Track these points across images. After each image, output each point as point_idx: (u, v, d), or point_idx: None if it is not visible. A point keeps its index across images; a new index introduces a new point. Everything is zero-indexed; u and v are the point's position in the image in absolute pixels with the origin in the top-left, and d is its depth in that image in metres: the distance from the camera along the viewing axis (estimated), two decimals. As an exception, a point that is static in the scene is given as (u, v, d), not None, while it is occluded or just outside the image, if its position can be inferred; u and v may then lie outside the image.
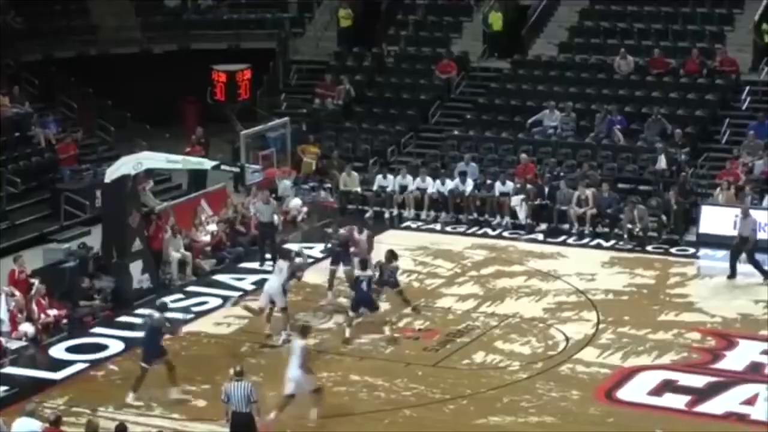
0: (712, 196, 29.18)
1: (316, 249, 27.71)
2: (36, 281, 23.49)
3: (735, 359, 21.40)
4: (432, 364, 21.29)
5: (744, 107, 32.46)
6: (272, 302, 22.37)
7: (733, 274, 25.54)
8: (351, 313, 22.45)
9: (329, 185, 31.77)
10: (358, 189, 31.28)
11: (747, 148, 30.44)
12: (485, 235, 29.09)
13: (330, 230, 25.95)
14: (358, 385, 20.37)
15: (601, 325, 23.03)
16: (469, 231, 29.47)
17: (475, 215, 30.16)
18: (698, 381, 20.39)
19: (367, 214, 30.73)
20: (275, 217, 27.32)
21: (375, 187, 31.13)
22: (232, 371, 18.11)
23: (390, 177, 31.17)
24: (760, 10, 34.27)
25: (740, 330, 22.80)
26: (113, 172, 24.90)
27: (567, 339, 22.37)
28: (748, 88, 32.72)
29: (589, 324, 23.13)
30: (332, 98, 35.53)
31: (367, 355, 21.70)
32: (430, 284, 25.50)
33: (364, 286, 22.30)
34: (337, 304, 24.05)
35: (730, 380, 20.44)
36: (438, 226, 29.82)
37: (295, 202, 30.47)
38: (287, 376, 18.69)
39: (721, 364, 21.20)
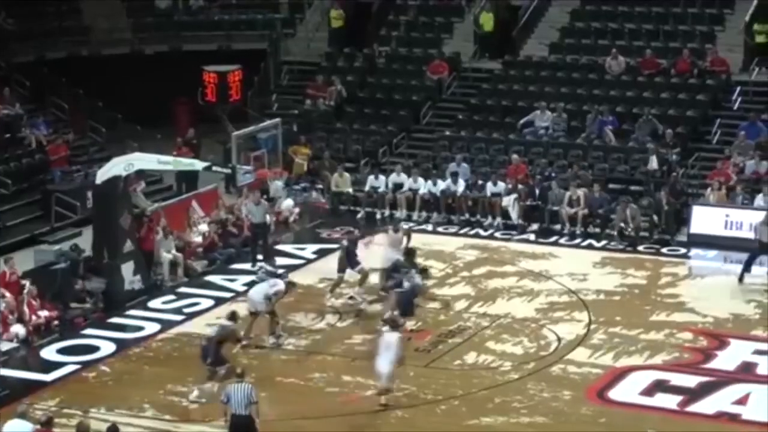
0: (703, 197, 29.23)
1: (308, 250, 27.78)
2: (27, 282, 23.46)
3: (727, 359, 21.41)
4: (424, 364, 21.26)
5: (735, 107, 32.46)
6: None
7: (742, 277, 25.35)
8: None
9: (321, 186, 31.78)
10: (350, 190, 31.26)
11: (738, 149, 30.48)
12: (477, 236, 29.10)
13: (353, 238, 25.59)
14: (350, 386, 20.35)
15: (593, 326, 23.04)
16: (461, 231, 29.47)
17: (467, 216, 30.17)
18: (690, 381, 20.40)
19: (359, 215, 30.75)
20: (267, 217, 27.33)
21: (367, 188, 31.11)
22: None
23: (382, 177, 31.16)
24: (751, 11, 34.28)
25: (732, 330, 22.82)
26: (104, 173, 24.87)
27: (559, 339, 22.37)
28: (739, 88, 32.72)
29: (580, 324, 23.14)
30: (323, 99, 35.52)
31: (359, 356, 21.65)
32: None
33: (406, 285, 22.26)
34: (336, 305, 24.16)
35: (721, 380, 20.45)
36: (430, 227, 29.80)
37: (287, 203, 30.48)
38: (378, 369, 19.01)
39: (712, 364, 21.21)
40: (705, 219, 28.24)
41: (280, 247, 27.84)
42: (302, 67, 37.79)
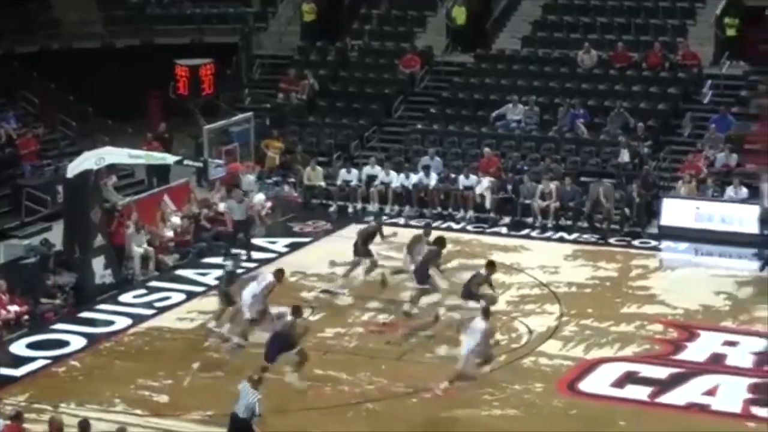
0: (674, 189, 29.35)
1: (280, 244, 27.76)
2: (-4, 277, 23.35)
3: (696, 350, 21.52)
4: (396, 357, 21.29)
5: (706, 101, 32.63)
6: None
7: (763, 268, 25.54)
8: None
9: (293, 180, 31.75)
10: (322, 183, 31.25)
11: (709, 142, 30.62)
12: (449, 229, 29.06)
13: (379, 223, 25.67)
14: (323, 379, 20.33)
15: (564, 318, 23.11)
16: (433, 225, 29.39)
17: (439, 209, 30.21)
18: (660, 372, 20.50)
19: (331, 209, 30.74)
20: (248, 213, 27.31)
21: (339, 182, 31.11)
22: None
23: (354, 171, 31.15)
24: (722, 5, 34.45)
25: (702, 321, 22.93)
26: (75, 167, 24.75)
27: (530, 332, 22.43)
28: (709, 81, 32.90)
29: (552, 317, 23.20)
30: (296, 93, 35.46)
31: (331, 350, 21.67)
32: (395, 278, 25.42)
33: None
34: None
35: (691, 371, 20.55)
36: (402, 220, 29.80)
37: (259, 197, 30.35)
38: (461, 352, 19.23)
39: (682, 356, 21.32)
40: (675, 211, 28.38)
41: (252, 240, 27.74)
42: (274, 60, 37.73)
